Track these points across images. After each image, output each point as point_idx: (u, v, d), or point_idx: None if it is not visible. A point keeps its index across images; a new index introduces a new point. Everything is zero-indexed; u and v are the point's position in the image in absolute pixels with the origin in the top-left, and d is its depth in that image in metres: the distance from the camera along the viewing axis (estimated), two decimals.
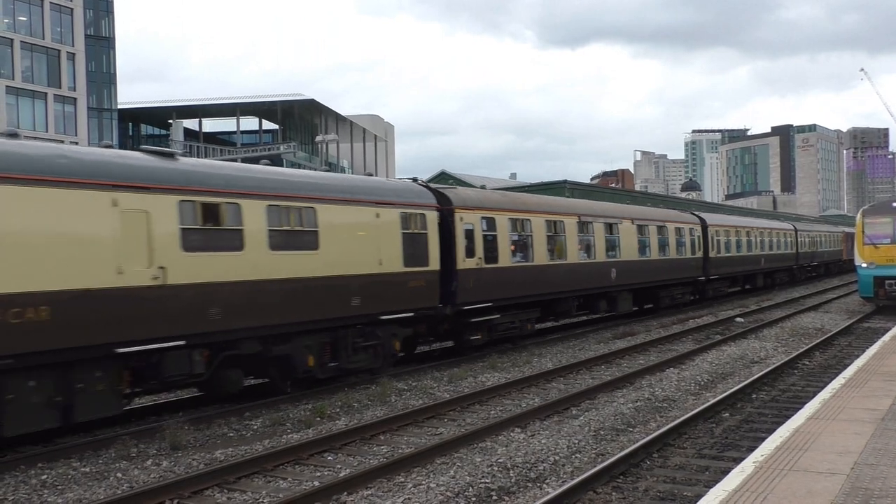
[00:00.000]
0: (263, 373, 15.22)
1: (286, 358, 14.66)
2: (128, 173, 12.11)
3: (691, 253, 32.74)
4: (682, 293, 32.80)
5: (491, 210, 20.29)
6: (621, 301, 27.08)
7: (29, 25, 70.60)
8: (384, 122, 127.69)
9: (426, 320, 18.33)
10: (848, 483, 7.11)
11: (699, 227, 34.00)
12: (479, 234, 19.54)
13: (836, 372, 15.63)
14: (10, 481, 9.93)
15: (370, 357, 16.56)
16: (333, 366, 15.65)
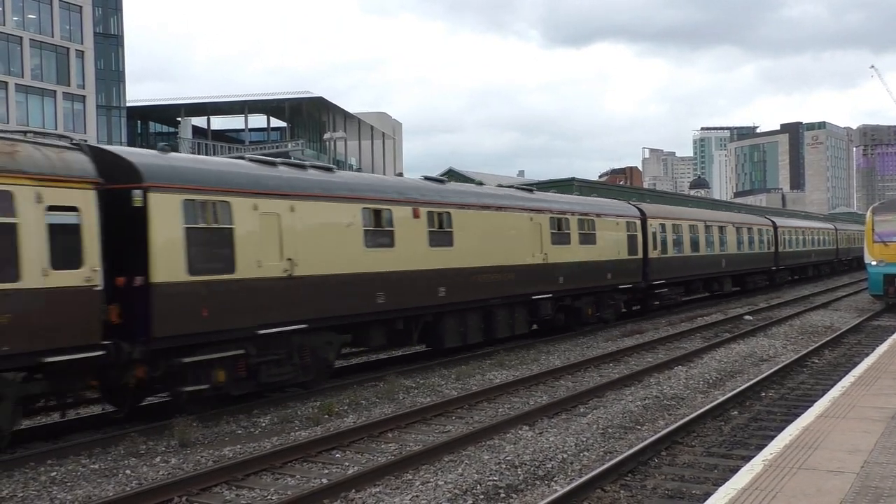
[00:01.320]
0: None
1: (575, 310, 23.90)
2: (298, 187, 14.82)
3: (767, 248, 42.03)
4: (760, 279, 41.79)
5: (663, 218, 29.90)
6: (726, 284, 36.51)
7: (38, 23, 70.81)
8: (392, 119, 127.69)
9: (632, 291, 27.22)
10: (858, 481, 7.08)
11: (772, 227, 43.44)
12: (659, 234, 28.99)
13: (845, 370, 15.56)
14: (19, 478, 9.96)
15: (612, 312, 25.95)
16: (597, 315, 25.05)
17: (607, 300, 25.53)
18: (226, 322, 13.01)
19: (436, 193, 18.42)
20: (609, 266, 25.14)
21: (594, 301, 24.71)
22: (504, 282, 19.92)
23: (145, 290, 11.95)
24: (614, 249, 25.64)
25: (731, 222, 37.52)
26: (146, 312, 11.94)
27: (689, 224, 32.02)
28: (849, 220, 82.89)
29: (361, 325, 16.16)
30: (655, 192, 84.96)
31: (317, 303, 14.64)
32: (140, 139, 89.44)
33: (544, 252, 21.61)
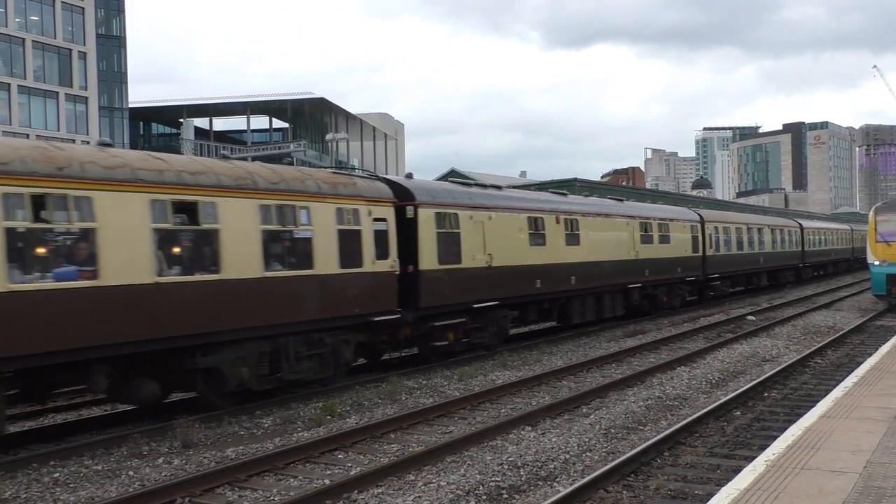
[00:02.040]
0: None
1: (655, 298, 28.47)
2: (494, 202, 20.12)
3: (795, 247, 46.39)
4: (790, 275, 46.67)
5: (716, 222, 34.97)
6: (763, 278, 41.59)
7: (40, 25, 70.96)
8: (394, 120, 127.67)
9: (693, 283, 32.11)
10: (860, 482, 7.07)
11: (798, 229, 47.73)
12: (713, 236, 33.51)
13: (848, 370, 15.54)
14: (22, 479, 9.98)
15: (679, 300, 30.74)
16: (669, 303, 29.95)
17: (676, 290, 30.81)
18: (457, 298, 18.27)
19: (567, 204, 23.89)
20: (679, 262, 30.31)
21: (667, 290, 29.85)
22: (610, 273, 25.03)
23: (416, 275, 17.03)
24: (683, 248, 30.74)
25: (767, 224, 42.79)
26: (416, 290, 17.04)
27: (735, 227, 37.16)
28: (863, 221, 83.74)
29: (524, 304, 21.26)
30: (657, 193, 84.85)
31: (505, 286, 19.86)
32: (142, 140, 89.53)
33: (636, 250, 26.89)
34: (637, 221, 27.28)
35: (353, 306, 15.43)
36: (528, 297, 21.07)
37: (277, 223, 13.95)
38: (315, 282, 14.58)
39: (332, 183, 15.52)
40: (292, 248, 14.47)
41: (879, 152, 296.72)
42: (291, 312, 14.16)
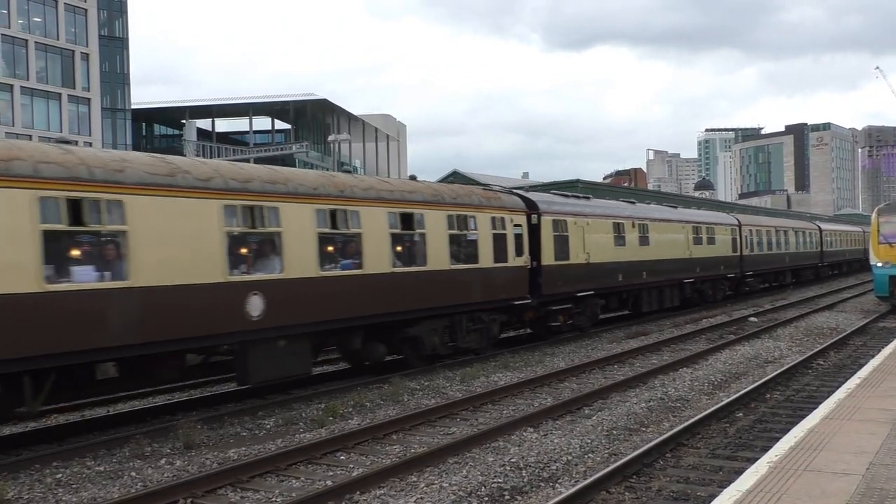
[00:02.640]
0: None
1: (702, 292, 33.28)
2: (589, 210, 24.71)
3: (814, 248, 50.84)
4: (810, 273, 51.19)
5: (751, 225, 39.72)
6: (788, 276, 45.85)
7: (43, 26, 71.05)
8: (396, 121, 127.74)
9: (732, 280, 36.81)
10: (863, 483, 7.06)
11: (817, 231, 52.10)
12: (748, 237, 38.03)
13: (851, 372, 15.53)
14: (25, 480, 9.99)
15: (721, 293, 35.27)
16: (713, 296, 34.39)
17: (720, 285, 35.32)
18: (567, 288, 22.54)
19: (639, 211, 28.52)
20: (722, 260, 34.70)
21: (712, 285, 34.35)
22: (671, 269, 29.57)
23: (539, 269, 21.26)
24: (725, 248, 35.20)
25: (792, 228, 46.99)
26: (539, 281, 21.23)
27: (766, 230, 41.69)
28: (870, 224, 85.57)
29: (609, 294, 25.61)
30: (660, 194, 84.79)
31: (598, 279, 24.16)
32: (145, 142, 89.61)
33: (690, 250, 31.29)
34: (690, 226, 32.03)
35: (501, 293, 19.83)
36: (613, 289, 25.63)
37: (458, 229, 18.36)
38: (479, 273, 18.98)
39: (487, 197, 19.98)
40: (465, 248, 18.73)
41: (882, 154, 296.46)
42: (464, 296, 18.48)
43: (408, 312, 16.85)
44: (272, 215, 13.52)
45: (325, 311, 14.64)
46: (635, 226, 26.90)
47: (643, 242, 27.22)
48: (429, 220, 17.27)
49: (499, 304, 19.88)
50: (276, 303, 13.43)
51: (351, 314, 15.35)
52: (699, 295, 32.93)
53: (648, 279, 27.46)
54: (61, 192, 10.61)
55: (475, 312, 19.09)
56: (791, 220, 53.09)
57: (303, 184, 14.45)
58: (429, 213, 17.30)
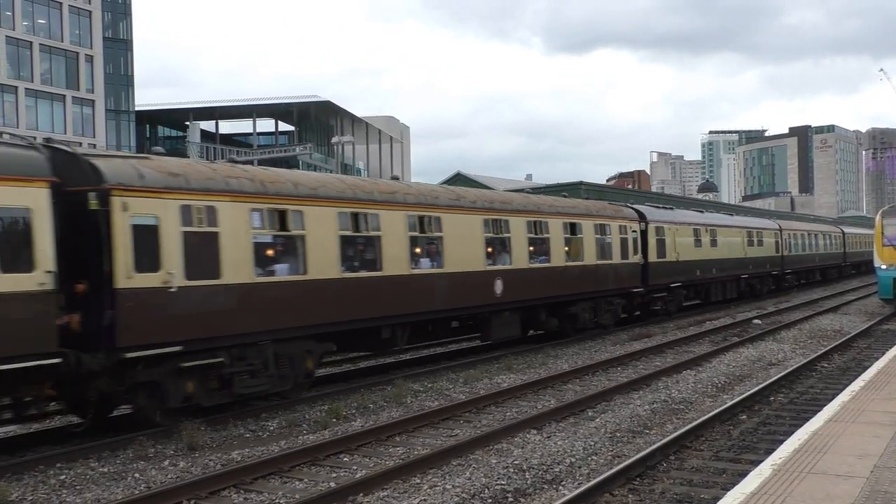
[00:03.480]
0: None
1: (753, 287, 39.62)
2: (678, 219, 31.35)
3: (838, 249, 56.58)
4: (834, 272, 56.87)
5: (789, 229, 45.85)
6: (817, 274, 52.19)
7: (48, 28, 71.19)
8: (399, 123, 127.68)
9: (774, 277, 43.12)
10: (867, 486, 7.05)
11: (840, 234, 58.33)
12: (786, 240, 44.15)
13: (855, 374, 15.49)
14: (29, 481, 10.01)
15: (767, 288, 40.90)
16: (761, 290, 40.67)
17: (766, 281, 41.48)
18: (664, 280, 28.71)
19: (710, 219, 35.50)
20: (768, 260, 40.94)
21: (760, 281, 40.24)
22: (732, 267, 35.71)
23: (647, 265, 27.22)
24: (770, 250, 41.42)
25: (820, 231, 53.48)
26: (646, 274, 27.13)
27: (800, 233, 48.05)
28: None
29: (689, 286, 31.42)
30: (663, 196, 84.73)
31: (684, 274, 30.36)
32: (149, 143, 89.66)
33: (745, 251, 37.43)
34: (745, 230, 38.33)
35: (625, 282, 25.99)
36: (693, 282, 31.61)
37: (600, 234, 24.58)
38: (612, 267, 25.10)
39: (615, 210, 26.57)
40: (604, 248, 24.72)
41: (886, 156, 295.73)
42: (603, 284, 24.67)
43: (572, 295, 23.10)
44: (506, 225, 20.17)
45: (531, 292, 21.02)
46: (707, 231, 33.20)
47: (713, 244, 33.48)
48: (585, 228, 23.86)
49: (622, 291, 26.02)
50: (508, 286, 19.81)
51: (542, 295, 21.60)
52: (750, 289, 39.01)
53: (717, 274, 33.86)
54: (415, 213, 17.17)
55: (609, 297, 25.25)
56: (818, 225, 60.94)
57: (524, 206, 21.43)
58: (585, 223, 23.88)
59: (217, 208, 12.75)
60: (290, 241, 14.32)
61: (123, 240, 11.47)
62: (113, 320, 11.29)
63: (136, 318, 11.52)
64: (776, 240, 42.50)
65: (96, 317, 11.24)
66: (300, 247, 14.32)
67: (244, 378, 13.36)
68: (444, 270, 17.81)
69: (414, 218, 17.05)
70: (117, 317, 11.32)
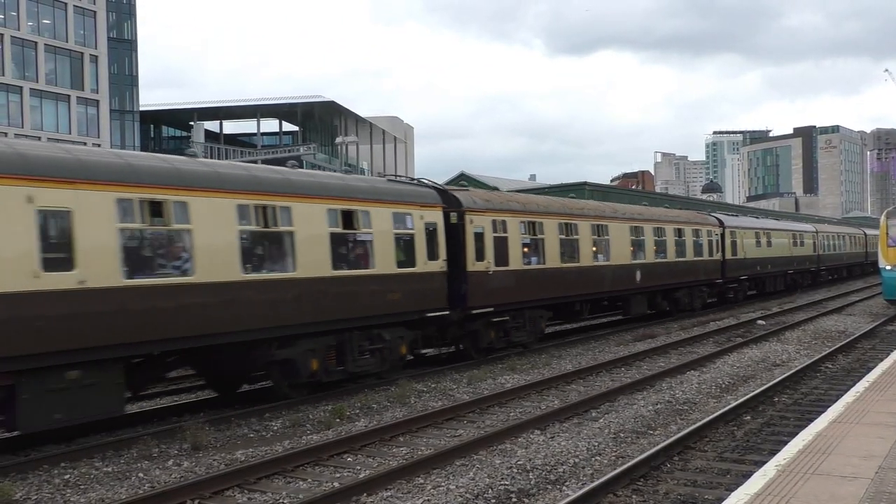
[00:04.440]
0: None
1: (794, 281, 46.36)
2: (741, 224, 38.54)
3: (863, 249, 63.71)
4: (868, 268, 63.87)
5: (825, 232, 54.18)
6: (843, 271, 59.22)
7: (53, 28, 71.34)
8: (404, 123, 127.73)
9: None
10: (872, 487, 7.03)
11: (863, 235, 64.78)
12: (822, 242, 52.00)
13: (859, 375, 15.47)
14: (33, 480, 10.02)
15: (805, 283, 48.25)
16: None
17: (805, 276, 48.09)
18: (736, 273, 35.40)
19: (766, 223, 43.15)
20: (807, 259, 47.64)
21: (800, 276, 46.67)
22: (782, 263, 42.36)
23: (723, 262, 33.86)
24: (808, 249, 47.87)
25: (847, 233, 61.03)
26: (724, 268, 33.82)
27: (831, 234, 54.80)
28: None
29: (751, 279, 37.96)
30: (667, 197, 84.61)
31: (748, 269, 37.02)
32: (153, 143, 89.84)
33: (790, 250, 44.11)
34: (790, 233, 45.31)
35: (710, 275, 32.67)
36: (755, 275, 38.24)
37: (696, 237, 30.85)
38: (703, 263, 31.75)
39: (702, 218, 33.41)
40: (698, 247, 30.99)
41: (891, 156, 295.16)
42: (694, 276, 30.99)
43: (678, 284, 29.59)
44: (641, 231, 26.75)
45: (655, 281, 27.61)
46: (764, 234, 39.94)
47: (769, 245, 40.06)
48: (687, 233, 30.51)
49: (708, 282, 32.56)
50: (644, 275, 26.58)
51: (661, 283, 28.37)
52: (793, 283, 45.25)
53: (771, 270, 40.48)
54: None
55: (695, 287, 31.42)
56: (846, 227, 68.16)
57: (650, 216, 28.39)
58: (687, 229, 30.74)
59: (507, 221, 19.90)
60: (536, 242, 21.29)
61: (470, 241, 18.51)
62: (465, 291, 18.31)
63: (475, 290, 18.52)
64: (813, 241, 49.07)
65: (457, 288, 18.18)
66: (540, 246, 21.45)
67: (514, 330, 20.48)
68: (609, 263, 24.72)
69: (595, 227, 24.09)
70: (468, 289, 18.35)
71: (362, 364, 15.71)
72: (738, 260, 35.60)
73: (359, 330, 15.49)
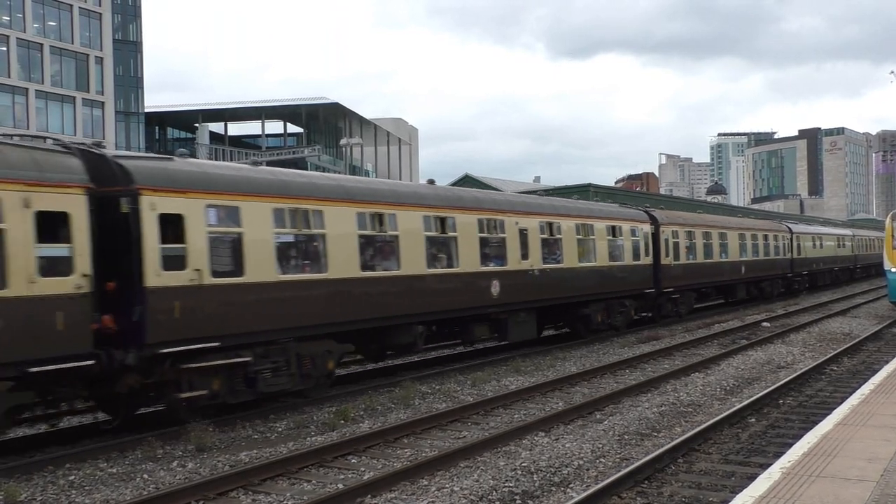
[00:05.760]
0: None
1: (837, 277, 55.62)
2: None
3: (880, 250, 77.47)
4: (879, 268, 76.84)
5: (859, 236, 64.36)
6: (871, 270, 63.21)
7: (58, 30, 71.50)
8: (408, 125, 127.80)
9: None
10: (877, 490, 7.02)
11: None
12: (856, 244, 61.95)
13: (864, 377, 15.44)
14: (38, 481, 10.04)
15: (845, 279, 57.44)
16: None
17: (846, 272, 55.70)
18: (800, 269, 44.75)
19: (819, 229, 53.45)
20: (848, 259, 56.19)
21: (843, 273, 54.73)
22: (833, 262, 51.18)
23: (792, 260, 43.21)
24: (848, 250, 56.19)
25: (867, 236, 66.50)
26: (791, 265, 43.36)
27: (860, 237, 62.14)
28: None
29: (810, 274, 46.75)
30: (671, 198, 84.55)
31: (808, 266, 46.15)
32: (158, 145, 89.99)
33: (836, 251, 52.78)
34: (836, 237, 54.13)
35: (784, 270, 40.77)
36: (812, 271, 46.75)
37: (766, 240, 37.85)
38: (777, 261, 39.69)
39: (776, 227, 40.44)
40: (776, 249, 38.98)
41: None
42: (771, 270, 39.22)
43: (759, 278, 38.07)
44: (744, 237, 34.90)
45: (751, 274, 35.86)
46: (818, 237, 49.23)
47: (821, 247, 48.86)
48: (768, 237, 39.10)
49: (780, 276, 40.88)
50: (746, 269, 35.97)
51: (752, 276, 36.77)
52: (837, 279, 53.22)
53: (822, 267, 48.71)
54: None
55: (775, 279, 40.21)
56: (867, 231, 74.69)
57: (737, 224, 36.07)
58: (770, 234, 39.62)
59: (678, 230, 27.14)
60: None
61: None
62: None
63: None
64: (851, 243, 58.41)
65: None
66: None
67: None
68: (743, 259, 35.78)
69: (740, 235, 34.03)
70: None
71: (617, 320, 24.99)
72: (801, 259, 44.71)
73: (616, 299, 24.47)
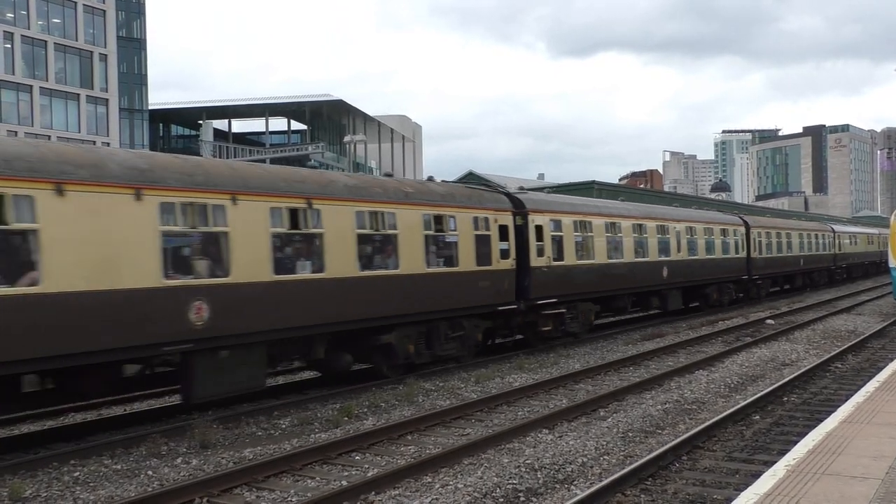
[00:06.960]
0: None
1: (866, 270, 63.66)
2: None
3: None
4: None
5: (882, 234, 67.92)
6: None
7: (62, 27, 71.59)
8: (412, 122, 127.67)
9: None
10: (882, 487, 7.00)
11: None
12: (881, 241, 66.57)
13: (869, 375, 15.41)
14: (43, 478, 10.06)
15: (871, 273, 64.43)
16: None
17: (873, 269, 61.51)
18: (841, 263, 53.73)
19: (854, 227, 66.84)
20: (876, 255, 61.37)
21: (870, 268, 61.37)
22: (862, 258, 59.14)
23: (835, 255, 51.81)
24: (876, 247, 61.70)
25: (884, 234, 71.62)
26: (836, 260, 52.49)
27: (885, 235, 63.38)
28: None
29: (844, 267, 54.76)
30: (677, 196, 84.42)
31: (844, 261, 54.10)
32: (162, 142, 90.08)
33: (865, 247, 59.89)
34: (867, 235, 61.09)
35: (827, 263, 48.87)
36: (849, 264, 53.85)
37: (822, 239, 46.78)
38: (823, 256, 47.93)
39: (821, 228, 49.08)
40: (821, 246, 46.82)
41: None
42: (819, 263, 47.24)
43: (808, 269, 44.66)
44: (802, 236, 43.65)
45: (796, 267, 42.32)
46: (853, 235, 56.46)
47: (856, 244, 56.22)
48: (818, 236, 45.21)
49: (825, 269, 47.26)
50: (805, 262, 44.35)
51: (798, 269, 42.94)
52: (866, 272, 59.61)
53: (856, 261, 56.00)
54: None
55: (821, 270, 47.17)
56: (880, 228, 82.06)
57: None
58: (812, 234, 45.11)
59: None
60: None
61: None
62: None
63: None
64: (878, 241, 62.87)
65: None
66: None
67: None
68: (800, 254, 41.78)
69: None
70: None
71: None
72: (841, 254, 52.11)
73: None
